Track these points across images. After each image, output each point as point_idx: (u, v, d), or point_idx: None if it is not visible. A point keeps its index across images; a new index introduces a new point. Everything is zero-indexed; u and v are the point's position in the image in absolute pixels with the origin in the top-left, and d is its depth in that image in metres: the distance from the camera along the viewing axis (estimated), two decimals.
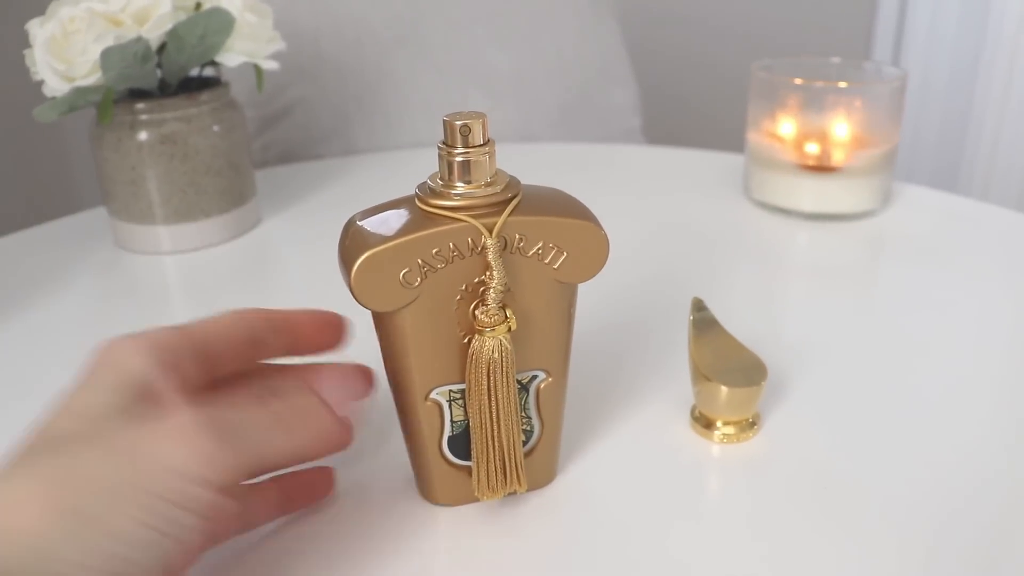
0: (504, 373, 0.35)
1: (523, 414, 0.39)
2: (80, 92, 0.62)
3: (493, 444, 0.37)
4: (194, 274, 0.67)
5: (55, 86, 0.62)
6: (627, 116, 1.12)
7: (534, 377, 0.38)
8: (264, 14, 0.69)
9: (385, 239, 0.33)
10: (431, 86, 0.99)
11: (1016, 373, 0.50)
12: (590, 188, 0.36)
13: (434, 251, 0.34)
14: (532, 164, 0.69)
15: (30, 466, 0.27)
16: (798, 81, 0.70)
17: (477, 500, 0.39)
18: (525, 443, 0.39)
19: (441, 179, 0.35)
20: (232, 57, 0.67)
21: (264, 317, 0.36)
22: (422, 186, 0.35)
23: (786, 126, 0.72)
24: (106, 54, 0.59)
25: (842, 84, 0.70)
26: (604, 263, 0.36)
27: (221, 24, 0.64)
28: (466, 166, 0.34)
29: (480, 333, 0.35)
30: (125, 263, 0.69)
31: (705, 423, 0.44)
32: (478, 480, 0.37)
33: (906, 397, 0.48)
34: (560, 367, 0.38)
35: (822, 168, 0.71)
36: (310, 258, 0.68)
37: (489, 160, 0.34)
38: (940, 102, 1.66)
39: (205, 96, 0.67)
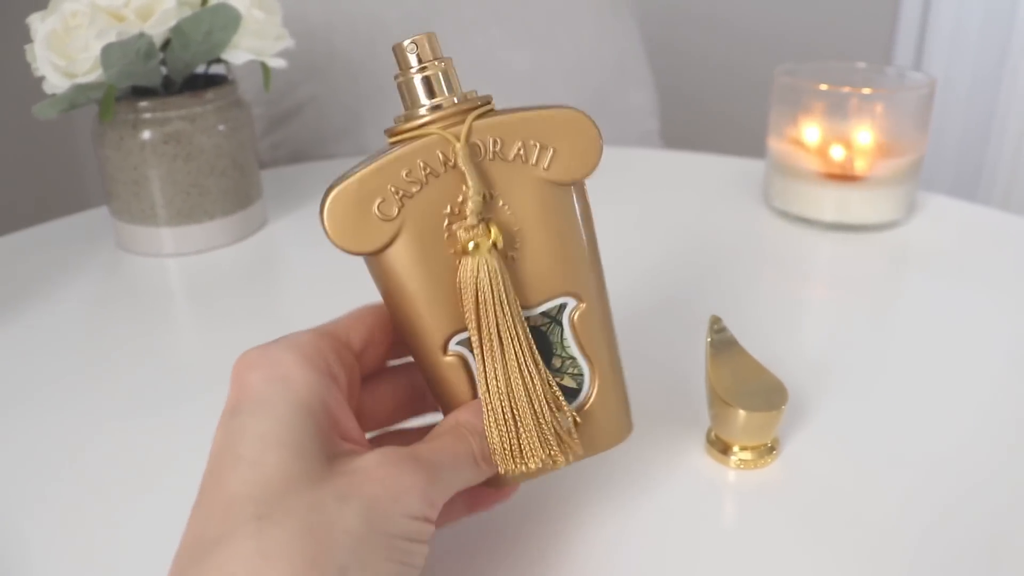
0: (497, 298, 0.31)
1: (564, 354, 0.34)
2: (81, 89, 0.61)
3: (506, 398, 0.32)
4: (197, 277, 0.65)
5: (55, 82, 0.61)
6: (644, 118, 1.10)
7: (562, 307, 0.34)
8: (272, 10, 0.67)
9: (351, 174, 0.31)
10: None
11: None
12: (606, 193, 0.34)
13: (404, 173, 0.31)
14: None
15: (278, 520, 0.26)
16: (823, 86, 0.68)
17: (525, 477, 0.34)
18: (576, 393, 0.34)
19: (405, 109, 0.33)
20: (238, 55, 0.65)
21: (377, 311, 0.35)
22: (388, 128, 0.33)
23: (809, 133, 0.69)
24: (107, 50, 0.58)
25: (867, 90, 0.68)
26: (599, 152, 0.33)
27: (227, 20, 0.63)
28: (425, 82, 0.32)
29: (464, 255, 0.31)
30: (126, 265, 0.67)
31: (721, 447, 0.42)
32: (499, 449, 0.32)
33: (932, 421, 0.46)
34: (590, 288, 0.34)
35: (845, 177, 0.68)
36: (317, 261, 0.66)
37: (448, 74, 0.33)
38: (962, 108, 1.63)
39: (211, 94, 0.66)
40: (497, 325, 0.31)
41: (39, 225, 0.75)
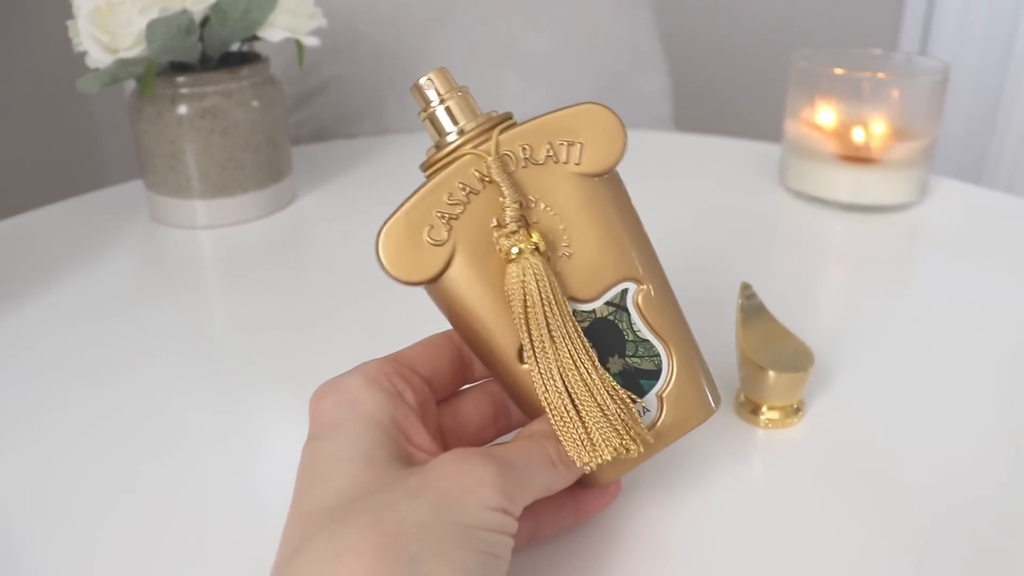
0: (545, 299, 0.32)
1: (637, 338, 0.34)
2: (123, 64, 0.63)
3: (565, 395, 0.32)
4: (229, 249, 0.67)
5: (98, 57, 0.63)
6: (658, 103, 1.12)
7: (624, 292, 0.34)
8: None
9: (396, 211, 0.33)
10: (466, 68, 0.99)
11: None
12: (625, 175, 0.35)
13: (446, 197, 0.33)
14: None
15: (349, 520, 0.28)
16: (839, 71, 0.70)
17: (618, 473, 0.35)
18: (657, 374, 0.35)
19: (433, 142, 0.35)
20: (274, 32, 0.67)
21: (449, 336, 0.37)
22: (423, 163, 0.35)
23: (826, 116, 0.71)
24: (151, 26, 0.59)
25: (883, 75, 0.70)
26: (624, 137, 0.34)
27: None
28: (448, 112, 0.34)
29: (509, 262, 0.32)
30: (160, 236, 0.69)
31: (751, 408, 0.44)
32: (572, 444, 0.32)
33: (945, 386, 0.48)
34: (647, 269, 0.35)
35: (860, 159, 0.70)
36: (345, 236, 0.68)
37: (467, 100, 0.34)
38: (969, 95, 1.65)
39: (246, 71, 0.67)
40: (548, 325, 0.32)
41: (74, 198, 0.77)
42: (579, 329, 0.33)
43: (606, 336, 0.34)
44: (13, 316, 0.57)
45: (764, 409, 0.44)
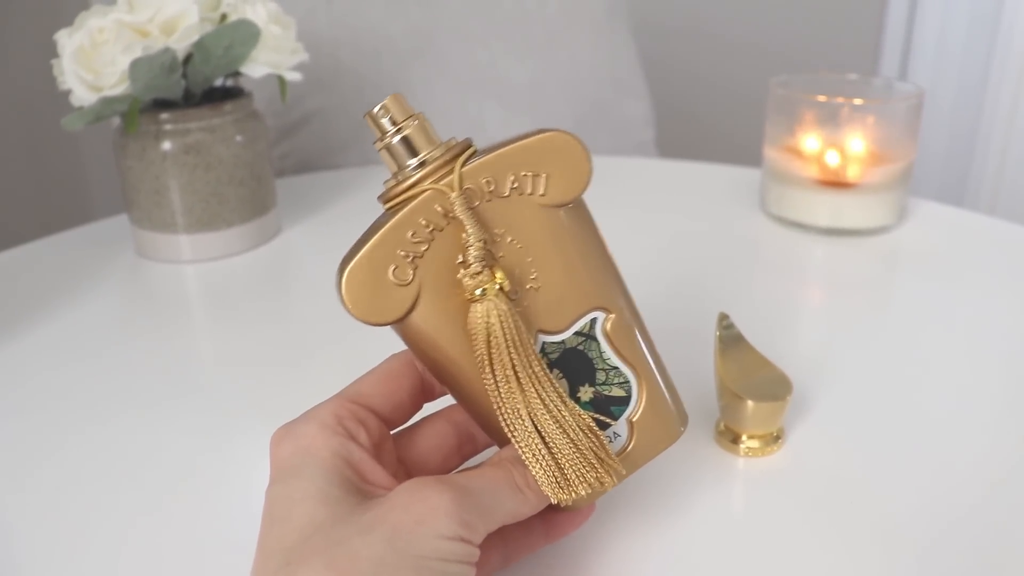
0: (510, 339, 0.31)
1: (607, 366, 0.35)
2: (107, 102, 0.63)
3: (535, 435, 0.32)
4: (215, 283, 0.67)
5: (83, 96, 0.63)
6: (641, 128, 1.13)
7: (593, 322, 0.34)
8: (288, 25, 0.70)
9: (358, 250, 0.32)
10: (448, 97, 1.00)
11: None
12: (606, 202, 0.36)
13: (410, 235, 0.32)
14: None
15: (303, 560, 0.28)
16: (818, 98, 0.71)
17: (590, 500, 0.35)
18: (627, 400, 0.35)
19: (391, 172, 0.34)
20: (257, 68, 0.67)
21: (410, 360, 0.37)
22: (381, 194, 0.34)
23: (804, 142, 0.72)
24: (135, 65, 0.60)
25: (859, 101, 0.71)
26: (590, 164, 0.33)
27: (247, 35, 0.65)
28: (405, 142, 0.33)
29: (473, 302, 0.32)
30: (146, 271, 0.69)
31: (731, 437, 0.45)
32: (545, 482, 0.32)
33: (924, 412, 0.49)
34: (615, 297, 0.35)
35: (839, 184, 0.71)
36: (331, 267, 0.68)
37: (424, 128, 0.33)
38: (948, 117, 1.66)
39: (229, 106, 0.68)
40: (513, 366, 0.32)
41: (59, 233, 0.77)
42: (545, 368, 0.33)
43: (576, 365, 0.34)
44: None
45: (744, 438, 0.44)
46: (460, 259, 0.32)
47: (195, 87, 0.67)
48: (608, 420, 0.35)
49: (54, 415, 0.51)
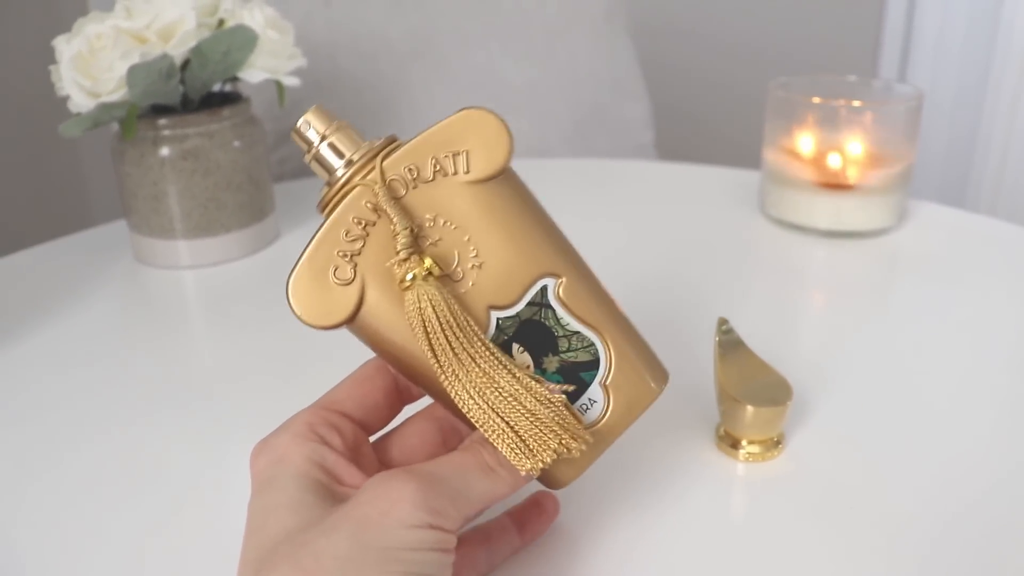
0: (445, 323, 0.32)
1: (567, 332, 0.34)
2: (105, 108, 0.63)
3: (490, 412, 0.32)
4: (213, 288, 0.67)
5: (81, 102, 0.63)
6: (640, 130, 1.13)
7: (543, 289, 0.34)
8: (285, 31, 0.70)
9: (300, 258, 0.33)
10: (446, 100, 1.00)
11: None
12: (606, 205, 0.36)
13: (344, 235, 0.32)
14: (545, 180, 0.69)
15: (271, 567, 0.29)
16: (816, 100, 0.71)
17: (571, 477, 0.34)
18: (596, 364, 0.35)
19: (325, 181, 0.34)
20: (254, 73, 0.67)
21: (382, 363, 0.37)
22: (318, 203, 0.34)
23: (803, 144, 0.72)
24: (132, 71, 0.60)
25: (858, 103, 0.71)
26: (509, 135, 0.34)
27: (244, 41, 0.65)
28: (332, 148, 0.34)
29: (405, 290, 0.32)
30: (144, 277, 0.69)
31: (731, 442, 0.45)
32: (510, 454, 0.32)
33: (925, 414, 0.48)
34: (565, 262, 0.34)
35: (838, 186, 0.71)
36: None
37: (348, 133, 0.34)
38: (947, 118, 1.66)
39: (227, 112, 0.68)
40: (452, 348, 0.32)
41: (57, 239, 0.77)
42: (488, 344, 0.32)
43: (536, 336, 0.34)
44: None
45: (744, 443, 0.44)
46: (398, 251, 0.32)
47: (193, 93, 0.67)
48: (576, 388, 0.34)
49: (52, 420, 0.51)
